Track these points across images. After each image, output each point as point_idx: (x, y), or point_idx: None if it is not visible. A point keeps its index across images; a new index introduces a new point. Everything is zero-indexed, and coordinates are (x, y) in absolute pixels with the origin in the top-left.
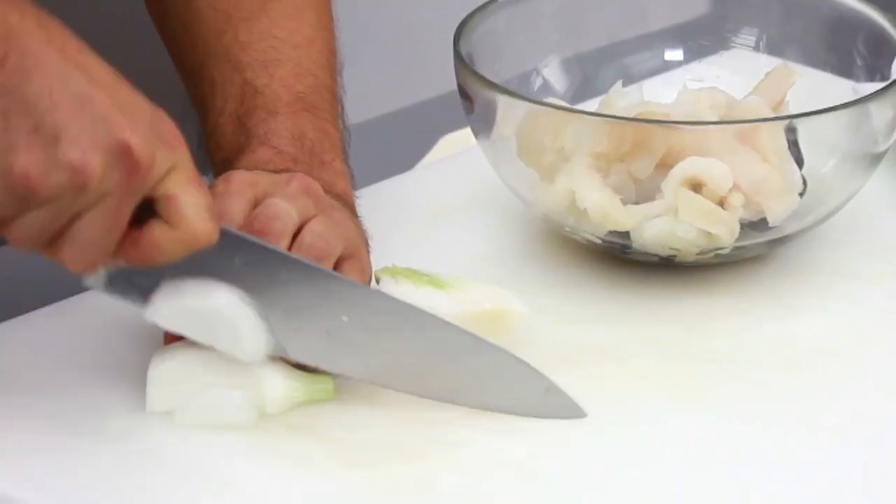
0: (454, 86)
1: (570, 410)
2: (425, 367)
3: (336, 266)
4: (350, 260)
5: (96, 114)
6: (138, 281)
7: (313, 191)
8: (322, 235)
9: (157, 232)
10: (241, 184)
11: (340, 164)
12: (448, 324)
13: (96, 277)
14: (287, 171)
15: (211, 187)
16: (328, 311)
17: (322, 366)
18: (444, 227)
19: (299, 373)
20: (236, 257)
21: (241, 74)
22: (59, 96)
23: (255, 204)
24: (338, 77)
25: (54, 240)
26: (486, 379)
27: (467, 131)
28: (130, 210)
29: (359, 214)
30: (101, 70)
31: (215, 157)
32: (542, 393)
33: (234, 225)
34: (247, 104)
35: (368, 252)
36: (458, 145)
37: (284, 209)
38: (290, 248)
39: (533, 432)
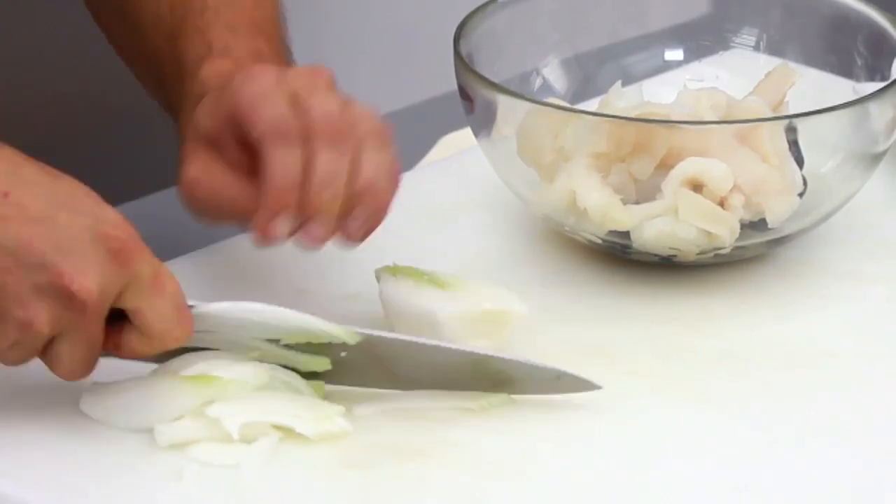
0: (454, 86)
1: (584, 387)
2: (433, 381)
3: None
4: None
5: (32, 262)
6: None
7: (333, 79)
8: (380, 185)
9: (132, 340)
10: (272, 80)
11: None
12: (450, 348)
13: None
14: None
15: (232, 87)
16: (326, 350)
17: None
18: (444, 227)
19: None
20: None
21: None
22: None
23: (292, 101)
24: (282, 17)
25: (43, 356)
26: (498, 383)
27: (467, 131)
28: (98, 333)
29: None
30: (35, 199)
31: (167, 69)
32: (554, 380)
33: (298, 127)
34: (206, 19)
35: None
36: (458, 145)
37: (333, 172)
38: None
39: (533, 432)
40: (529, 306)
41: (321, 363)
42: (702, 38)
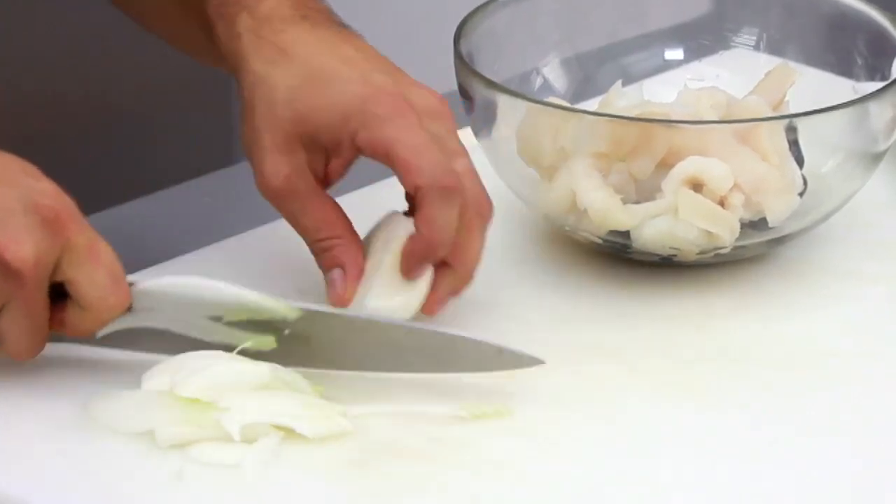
0: (454, 85)
1: (527, 362)
2: (376, 357)
3: None
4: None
5: None
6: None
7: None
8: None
9: (72, 315)
10: (416, 124)
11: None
12: (387, 323)
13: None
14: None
15: (368, 116)
16: (269, 329)
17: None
18: None
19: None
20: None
21: None
22: None
23: (441, 151)
24: None
25: None
26: (440, 357)
27: (467, 131)
28: (41, 303)
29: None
30: None
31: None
32: (496, 354)
33: (449, 180)
34: None
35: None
36: None
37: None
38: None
39: (533, 432)
40: (529, 305)
41: (265, 342)
42: (702, 38)
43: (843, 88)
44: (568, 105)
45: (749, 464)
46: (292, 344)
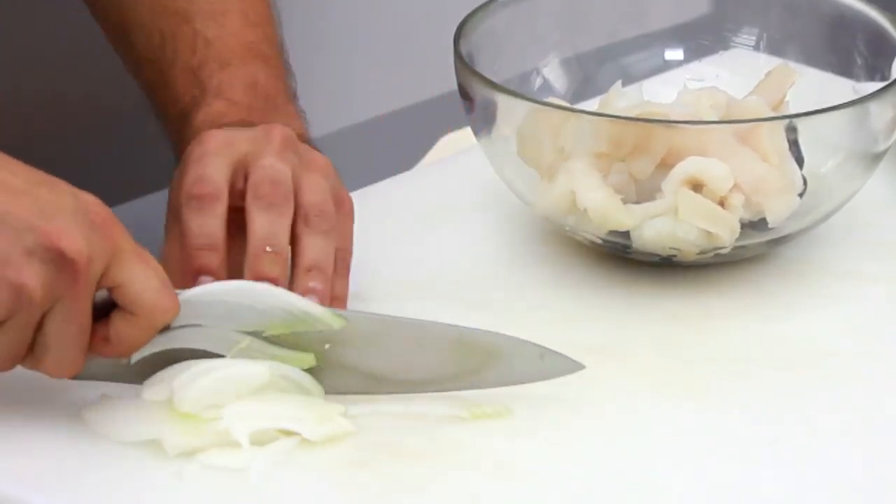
0: (454, 86)
1: (568, 367)
2: (418, 366)
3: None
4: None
5: (20, 226)
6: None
7: (293, 141)
8: (324, 208)
9: (119, 325)
10: (217, 144)
11: (293, 107)
12: (429, 322)
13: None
14: (244, 122)
15: (185, 154)
16: (309, 343)
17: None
18: (444, 227)
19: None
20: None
21: (190, 25)
22: None
23: (236, 165)
24: (279, 29)
25: (29, 353)
26: (482, 360)
27: (467, 131)
28: (89, 307)
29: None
30: (13, 176)
31: (169, 109)
32: (538, 358)
33: (217, 188)
34: (199, 55)
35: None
36: (458, 145)
37: (281, 171)
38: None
39: (533, 432)
40: (529, 305)
41: (306, 360)
42: (702, 38)
43: (843, 88)
44: (568, 105)
45: (749, 464)
46: (330, 362)
